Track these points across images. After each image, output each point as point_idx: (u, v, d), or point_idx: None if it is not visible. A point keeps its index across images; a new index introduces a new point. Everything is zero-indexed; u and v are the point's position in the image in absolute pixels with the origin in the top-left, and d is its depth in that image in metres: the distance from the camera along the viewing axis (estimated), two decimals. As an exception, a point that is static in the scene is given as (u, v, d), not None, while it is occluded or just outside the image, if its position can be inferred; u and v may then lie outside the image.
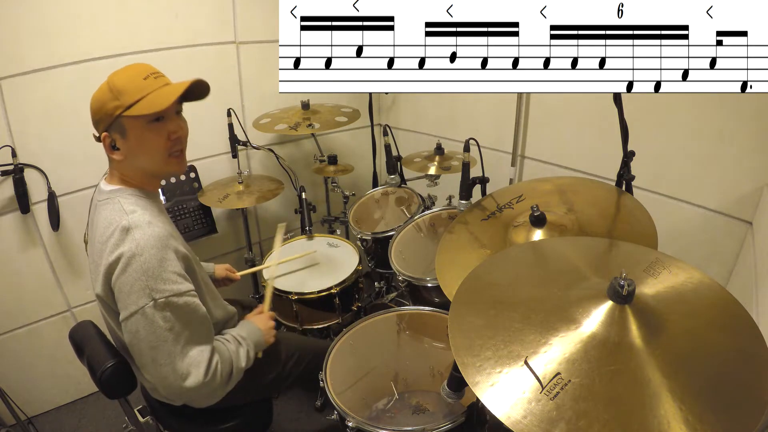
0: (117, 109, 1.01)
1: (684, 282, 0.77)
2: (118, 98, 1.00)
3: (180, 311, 1.00)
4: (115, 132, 1.04)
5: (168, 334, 0.98)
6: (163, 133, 1.06)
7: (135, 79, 1.03)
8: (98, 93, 1.04)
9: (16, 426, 1.73)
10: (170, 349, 0.99)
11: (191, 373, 1.01)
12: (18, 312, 1.85)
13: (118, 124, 1.02)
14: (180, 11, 1.87)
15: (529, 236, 1.10)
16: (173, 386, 1.01)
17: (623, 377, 0.62)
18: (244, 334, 1.20)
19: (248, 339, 1.19)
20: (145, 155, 1.06)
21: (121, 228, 0.99)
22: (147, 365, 1.01)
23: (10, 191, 1.68)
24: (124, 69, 1.05)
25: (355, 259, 1.74)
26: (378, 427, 1.03)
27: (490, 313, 0.76)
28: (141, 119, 1.02)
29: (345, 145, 2.55)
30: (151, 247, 0.98)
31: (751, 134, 1.32)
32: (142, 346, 0.99)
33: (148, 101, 1.01)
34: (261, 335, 1.24)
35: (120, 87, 1.01)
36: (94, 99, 1.04)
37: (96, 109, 1.04)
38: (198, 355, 1.03)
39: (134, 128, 1.03)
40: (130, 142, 1.04)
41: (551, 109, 1.82)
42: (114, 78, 1.03)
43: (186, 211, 2.04)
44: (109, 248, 0.99)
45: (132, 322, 0.98)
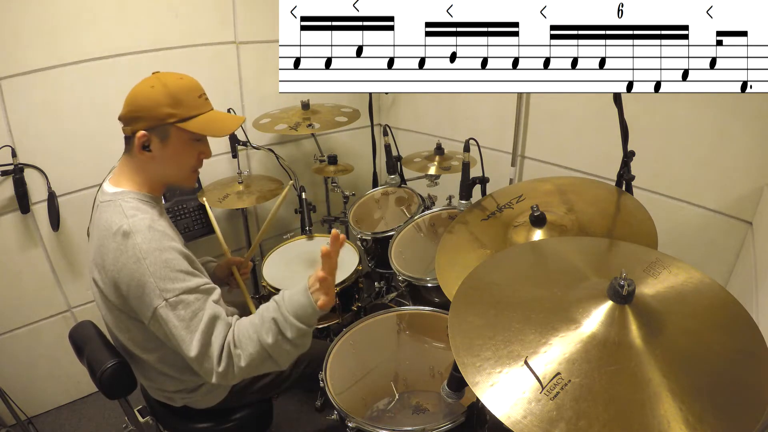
0: (171, 117, 1.02)
1: (684, 282, 0.77)
2: (175, 107, 1.02)
3: (193, 308, 0.99)
4: (156, 135, 1.03)
5: (185, 333, 0.97)
6: (197, 151, 1.11)
7: (192, 93, 1.06)
8: (150, 91, 1.02)
9: (16, 426, 1.73)
10: (188, 348, 0.97)
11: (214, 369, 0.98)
12: (18, 312, 1.85)
13: (164, 130, 1.03)
14: (180, 11, 1.87)
15: (529, 236, 1.10)
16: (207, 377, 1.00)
17: (623, 377, 0.62)
18: (287, 312, 1.01)
19: (287, 314, 1.01)
20: (175, 166, 1.09)
21: (122, 233, 0.98)
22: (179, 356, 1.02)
23: (10, 191, 1.68)
24: (178, 78, 1.06)
25: (355, 259, 1.74)
26: (378, 427, 1.03)
27: (490, 313, 0.76)
28: (188, 134, 1.05)
29: (345, 145, 2.55)
30: (153, 250, 0.97)
31: (751, 134, 1.32)
32: (172, 344, 1.00)
33: (204, 122, 1.06)
34: (307, 311, 1.01)
35: (180, 96, 1.02)
36: (144, 96, 1.02)
37: (146, 106, 1.02)
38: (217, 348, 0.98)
39: (178, 139, 1.05)
40: (167, 150, 1.05)
41: (551, 109, 1.82)
42: (171, 84, 1.03)
43: (186, 211, 2.04)
44: (112, 255, 0.99)
45: (153, 326, 1.00)
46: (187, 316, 0.98)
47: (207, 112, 1.08)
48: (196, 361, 0.98)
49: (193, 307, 0.99)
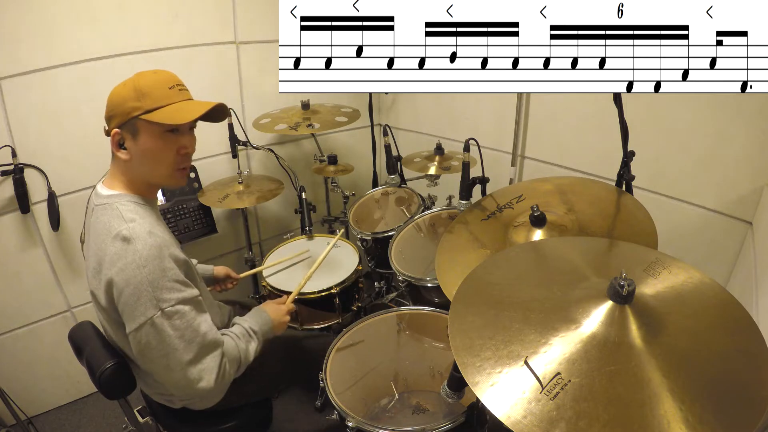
0: (136, 110, 1.01)
1: (684, 282, 0.77)
2: (139, 99, 1.01)
3: (187, 318, 1.00)
4: (127, 132, 1.03)
5: (179, 342, 0.99)
6: (174, 146, 1.06)
7: (161, 85, 1.03)
8: (121, 89, 1.03)
9: (16, 426, 1.73)
10: (181, 357, 0.99)
11: (203, 378, 1.02)
12: (18, 312, 1.85)
13: (132, 125, 1.02)
14: (180, 11, 1.87)
15: (529, 236, 1.10)
16: (185, 389, 1.03)
17: (623, 377, 0.62)
18: (256, 327, 1.20)
19: (259, 332, 1.20)
20: (151, 163, 1.06)
21: (122, 238, 0.98)
22: (158, 372, 1.02)
23: (10, 191, 1.68)
24: (152, 72, 1.05)
25: (355, 259, 1.74)
26: (378, 427, 1.03)
27: (490, 313, 0.76)
28: (156, 126, 1.02)
29: (345, 145, 2.55)
30: (153, 257, 0.97)
31: (750, 134, 1.32)
32: (154, 355, 0.99)
33: (169, 111, 1.02)
34: (271, 327, 1.24)
35: (145, 89, 1.01)
36: (115, 94, 1.03)
37: (115, 103, 1.03)
38: (210, 361, 1.04)
39: (147, 133, 1.03)
40: (139, 146, 1.04)
41: (551, 109, 1.82)
42: (140, 79, 1.03)
43: (186, 211, 2.04)
44: (109, 258, 0.98)
45: (142, 334, 0.98)
46: (182, 326, 0.99)
47: (178, 103, 1.04)
48: (186, 367, 1.00)
49: (188, 317, 1.00)
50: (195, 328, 1.01)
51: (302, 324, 1.67)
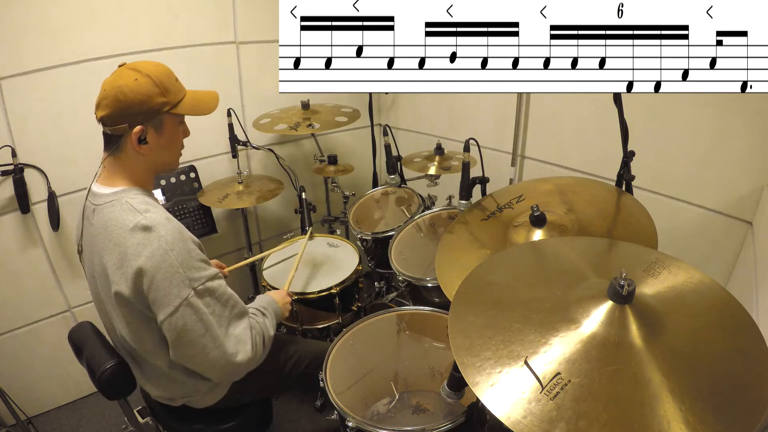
0: (165, 105, 1.03)
1: (684, 282, 0.77)
2: (165, 95, 1.03)
3: (216, 294, 1.04)
4: (152, 126, 1.04)
5: (212, 318, 1.02)
6: (182, 133, 1.14)
7: (170, 78, 1.07)
8: (137, 86, 0.99)
9: (16, 426, 1.74)
10: (216, 333, 1.03)
11: (239, 350, 1.06)
12: (18, 312, 1.85)
13: (159, 120, 1.04)
14: (180, 11, 1.87)
15: (529, 236, 1.10)
16: (225, 367, 1.05)
17: (623, 377, 0.62)
18: (265, 305, 1.25)
19: (269, 309, 1.25)
20: (168, 153, 1.12)
21: (142, 227, 0.98)
22: (197, 356, 1.03)
23: (10, 191, 1.68)
24: (154, 65, 1.05)
25: (355, 259, 1.74)
26: (378, 427, 1.03)
27: (490, 313, 0.76)
28: (177, 118, 1.08)
29: (345, 145, 2.55)
30: (178, 240, 0.99)
31: (751, 134, 1.32)
32: (192, 336, 1.01)
33: (191, 103, 1.09)
34: (278, 307, 1.30)
35: (165, 84, 1.03)
36: (133, 91, 0.99)
37: (138, 101, 1.00)
38: (242, 332, 1.08)
39: (170, 125, 1.08)
40: (163, 138, 1.07)
41: (551, 109, 1.82)
42: (152, 73, 1.02)
43: (186, 211, 2.04)
44: (133, 249, 0.97)
45: (178, 317, 0.98)
46: (213, 302, 1.03)
47: (189, 94, 1.11)
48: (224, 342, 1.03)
49: (218, 292, 1.04)
50: (225, 300, 1.05)
51: (302, 324, 1.68)
